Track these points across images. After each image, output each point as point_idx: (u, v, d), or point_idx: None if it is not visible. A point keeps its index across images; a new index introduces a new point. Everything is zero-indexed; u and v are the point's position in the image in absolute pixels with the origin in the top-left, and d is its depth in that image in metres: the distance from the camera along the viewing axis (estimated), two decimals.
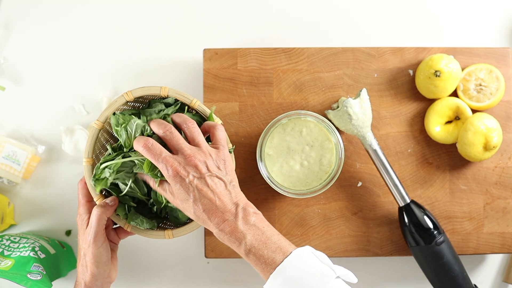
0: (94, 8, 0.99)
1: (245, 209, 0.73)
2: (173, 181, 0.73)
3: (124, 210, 0.82)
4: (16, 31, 0.99)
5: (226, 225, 0.71)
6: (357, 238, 0.93)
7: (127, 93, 0.81)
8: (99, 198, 0.81)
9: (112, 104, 0.81)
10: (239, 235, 0.71)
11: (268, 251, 0.70)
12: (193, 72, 0.98)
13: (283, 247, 0.70)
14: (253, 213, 0.73)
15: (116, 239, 0.85)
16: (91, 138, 0.81)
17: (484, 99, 0.91)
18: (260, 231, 0.71)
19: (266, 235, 0.71)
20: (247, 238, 0.71)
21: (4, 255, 0.86)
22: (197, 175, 0.73)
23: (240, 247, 0.71)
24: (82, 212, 0.82)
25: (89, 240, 0.78)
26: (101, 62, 0.99)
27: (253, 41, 0.99)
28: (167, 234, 0.82)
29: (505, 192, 0.94)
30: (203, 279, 0.98)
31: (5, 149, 0.95)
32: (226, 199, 0.73)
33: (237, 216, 0.72)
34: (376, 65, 0.94)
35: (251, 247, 0.70)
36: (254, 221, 0.72)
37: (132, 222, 0.81)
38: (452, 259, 0.87)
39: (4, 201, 0.96)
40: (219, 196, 0.72)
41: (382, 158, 0.88)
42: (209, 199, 0.72)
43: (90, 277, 0.79)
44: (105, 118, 0.81)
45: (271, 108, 0.93)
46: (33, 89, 0.99)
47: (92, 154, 0.82)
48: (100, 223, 0.78)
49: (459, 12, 1.00)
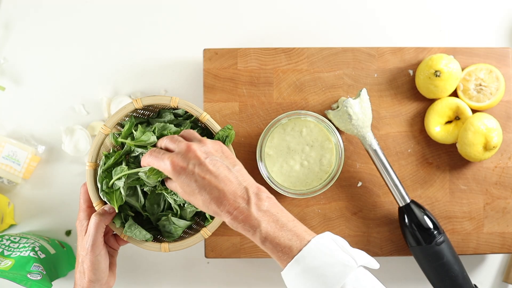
0: (94, 8, 0.99)
1: (258, 194, 0.69)
2: (174, 174, 0.71)
3: (120, 219, 0.82)
4: (16, 31, 0.99)
5: (239, 213, 0.68)
6: (357, 238, 0.93)
7: (136, 101, 0.81)
8: (98, 204, 0.81)
9: (121, 111, 0.81)
10: (254, 222, 0.67)
11: (285, 238, 0.67)
12: (193, 72, 0.98)
13: (300, 234, 0.67)
14: (267, 197, 0.69)
15: (115, 245, 0.84)
16: (96, 143, 0.81)
17: (484, 99, 0.91)
18: (275, 217, 0.68)
19: (282, 221, 0.68)
20: (262, 225, 0.67)
21: (4, 255, 0.86)
22: (197, 162, 0.70)
23: (255, 235, 0.68)
24: (81, 218, 0.81)
25: (87, 247, 0.78)
26: (101, 62, 0.99)
27: (253, 41, 0.99)
28: (163, 247, 0.81)
29: (505, 192, 0.94)
30: (203, 279, 0.98)
31: (5, 149, 0.95)
32: (233, 183, 0.69)
33: (249, 202, 0.68)
34: (376, 65, 0.94)
35: (266, 234, 0.67)
36: (267, 207, 0.68)
37: (128, 232, 0.81)
38: (452, 259, 0.87)
39: (4, 201, 0.96)
40: (224, 181, 0.69)
41: (382, 158, 0.88)
42: (214, 186, 0.69)
43: (88, 283, 0.79)
44: (113, 124, 0.81)
45: (271, 108, 0.93)
46: (33, 89, 0.99)
47: (96, 158, 0.82)
48: (98, 230, 0.78)
49: (459, 12, 1.00)
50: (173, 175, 0.71)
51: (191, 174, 0.70)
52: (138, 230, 0.81)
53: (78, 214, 0.82)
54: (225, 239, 0.92)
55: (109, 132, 0.82)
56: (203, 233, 0.82)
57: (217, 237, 0.93)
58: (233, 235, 0.93)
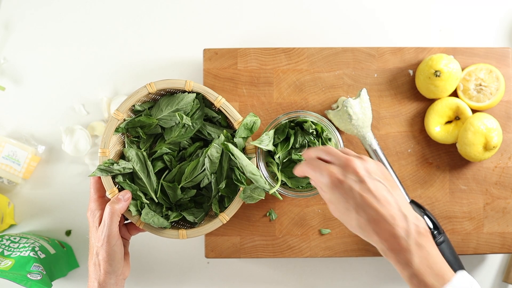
0: (94, 8, 0.99)
1: (417, 225, 0.64)
2: (330, 188, 0.66)
3: (136, 206, 0.81)
4: (16, 31, 0.99)
5: (395, 242, 0.63)
6: (357, 238, 0.93)
7: (150, 85, 0.80)
8: (112, 192, 0.79)
9: (134, 95, 0.80)
10: (408, 256, 0.63)
11: (432, 278, 0.62)
12: (193, 72, 0.98)
13: (444, 273, 0.63)
14: (425, 231, 0.64)
15: (127, 235, 0.82)
16: (109, 129, 0.80)
17: (484, 99, 0.91)
18: (427, 254, 0.63)
19: (433, 259, 0.63)
20: (415, 261, 0.63)
21: (4, 255, 0.86)
22: (357, 179, 0.65)
23: (405, 270, 0.63)
24: (93, 208, 0.79)
25: (102, 238, 0.76)
26: (101, 62, 0.99)
27: (253, 41, 0.99)
28: (181, 234, 0.80)
29: (505, 192, 0.94)
30: (203, 279, 0.98)
31: (5, 149, 0.95)
32: (393, 208, 0.64)
33: (409, 234, 0.63)
34: (376, 65, 0.94)
35: (417, 272, 0.63)
36: (424, 242, 0.63)
37: (146, 219, 0.80)
38: (452, 259, 0.87)
39: (4, 201, 0.96)
40: (384, 204, 0.64)
41: (382, 158, 0.88)
42: (373, 208, 0.64)
43: (104, 276, 0.77)
44: (125, 109, 0.80)
45: (271, 108, 0.93)
46: (33, 89, 0.99)
47: (109, 145, 0.80)
48: (114, 220, 0.76)
49: (459, 12, 1.00)
50: (329, 189, 0.67)
51: (349, 190, 0.65)
52: (156, 218, 0.80)
53: (89, 204, 0.80)
54: (225, 239, 0.92)
55: (122, 117, 0.81)
56: (222, 218, 0.81)
57: (217, 237, 0.93)
58: (233, 235, 0.93)
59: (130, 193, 0.80)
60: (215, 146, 0.81)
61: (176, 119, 0.83)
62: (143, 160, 0.82)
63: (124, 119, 0.82)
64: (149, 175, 0.82)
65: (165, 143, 0.85)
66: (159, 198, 0.83)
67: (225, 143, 0.80)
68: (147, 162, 0.83)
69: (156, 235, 0.81)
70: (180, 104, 0.82)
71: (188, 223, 0.86)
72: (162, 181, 0.84)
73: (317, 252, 0.93)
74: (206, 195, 0.87)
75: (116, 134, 0.82)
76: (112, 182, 0.80)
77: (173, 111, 0.82)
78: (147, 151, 0.85)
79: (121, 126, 0.82)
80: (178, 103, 0.82)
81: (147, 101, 0.84)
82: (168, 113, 0.83)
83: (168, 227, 0.81)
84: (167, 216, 0.83)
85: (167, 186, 0.83)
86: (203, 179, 0.84)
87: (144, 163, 0.82)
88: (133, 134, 0.85)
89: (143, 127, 0.84)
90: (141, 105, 0.83)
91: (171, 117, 0.83)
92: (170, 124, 0.84)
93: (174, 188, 0.83)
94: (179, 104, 0.82)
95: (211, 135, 0.85)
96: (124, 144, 0.85)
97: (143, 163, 0.82)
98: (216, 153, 0.81)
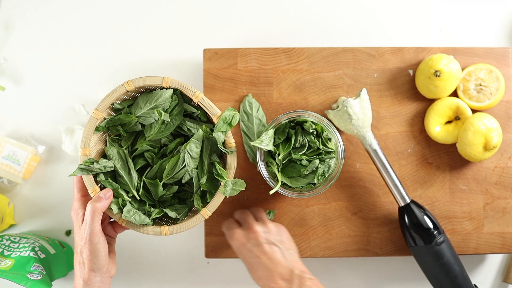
0: (94, 8, 0.99)
1: (301, 276, 0.79)
2: (236, 249, 0.84)
3: (118, 204, 0.81)
4: (16, 31, 0.99)
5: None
6: (357, 238, 0.93)
7: (127, 83, 0.80)
8: (93, 190, 0.80)
9: (112, 93, 0.81)
10: None
11: None
12: (193, 72, 0.98)
13: None
14: (308, 279, 0.78)
15: (112, 233, 0.83)
16: (88, 128, 0.81)
17: (484, 99, 0.91)
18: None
19: None
20: None
21: (4, 255, 0.86)
22: (256, 243, 0.82)
23: None
24: (76, 207, 0.80)
25: (85, 237, 0.76)
26: (101, 62, 0.99)
27: (253, 41, 0.99)
28: (163, 231, 0.80)
29: (505, 192, 0.94)
30: (203, 279, 0.98)
31: (5, 149, 0.95)
32: (282, 266, 0.80)
33: (291, 282, 0.78)
34: (376, 65, 0.94)
35: None
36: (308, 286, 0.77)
37: (127, 216, 0.80)
38: (452, 259, 0.87)
39: (4, 201, 0.96)
40: (274, 262, 0.80)
41: (382, 158, 0.88)
42: (266, 266, 0.80)
43: (89, 274, 0.77)
44: (103, 108, 0.81)
45: (271, 108, 0.93)
46: (33, 89, 0.99)
47: (89, 144, 0.81)
48: (95, 218, 0.77)
49: (459, 12, 1.00)
50: (235, 249, 0.84)
51: (249, 251, 0.82)
52: (138, 215, 0.80)
53: (73, 204, 0.81)
54: (225, 239, 0.92)
55: (101, 116, 0.81)
56: (203, 213, 0.81)
57: (217, 237, 0.93)
58: None
59: (111, 191, 0.80)
60: (194, 141, 0.81)
61: (155, 116, 0.83)
62: (124, 158, 0.83)
63: (104, 118, 0.82)
64: (130, 172, 0.83)
65: (146, 140, 0.85)
66: (142, 195, 0.84)
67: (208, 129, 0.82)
68: (128, 159, 0.83)
69: (139, 232, 0.81)
70: (159, 100, 0.82)
71: (172, 220, 0.86)
72: (144, 178, 0.84)
73: (317, 252, 0.93)
74: (189, 191, 0.87)
75: (97, 133, 0.83)
76: (94, 181, 0.81)
77: (152, 108, 0.83)
78: (128, 149, 0.85)
79: (102, 125, 0.82)
80: (156, 99, 0.82)
81: (126, 99, 0.84)
82: (147, 110, 0.83)
83: (149, 224, 0.81)
84: (149, 213, 0.83)
85: (149, 183, 0.84)
86: (185, 175, 0.84)
87: (125, 161, 0.83)
88: (114, 133, 0.85)
89: (124, 125, 0.84)
90: (120, 103, 0.83)
91: (150, 114, 0.83)
92: (149, 121, 0.84)
93: (155, 184, 0.84)
94: (157, 100, 0.82)
95: (191, 131, 0.85)
96: (106, 143, 0.85)
97: (124, 161, 0.83)
98: (195, 148, 0.82)
